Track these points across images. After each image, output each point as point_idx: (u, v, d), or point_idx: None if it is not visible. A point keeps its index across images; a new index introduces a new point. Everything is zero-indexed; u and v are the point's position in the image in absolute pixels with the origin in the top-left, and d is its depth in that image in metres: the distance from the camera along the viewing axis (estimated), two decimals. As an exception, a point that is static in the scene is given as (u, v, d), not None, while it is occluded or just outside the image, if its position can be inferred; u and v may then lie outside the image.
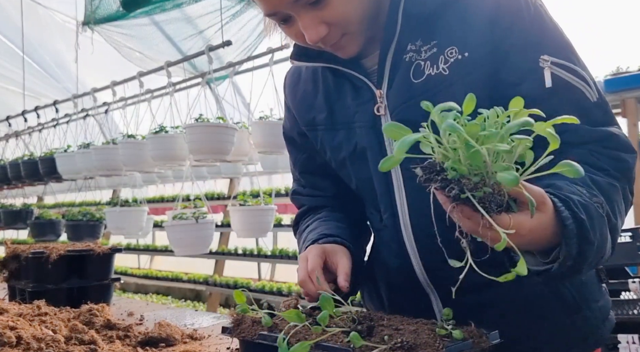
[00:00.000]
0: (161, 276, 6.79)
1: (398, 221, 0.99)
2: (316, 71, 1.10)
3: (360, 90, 1.00)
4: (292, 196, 1.28)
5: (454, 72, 0.89)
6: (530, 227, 0.66)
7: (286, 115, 1.22)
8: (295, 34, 0.94)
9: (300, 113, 1.13)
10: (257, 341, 0.77)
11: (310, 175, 1.21)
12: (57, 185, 5.17)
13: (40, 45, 5.63)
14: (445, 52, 0.91)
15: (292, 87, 1.16)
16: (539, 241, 0.71)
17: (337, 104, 1.05)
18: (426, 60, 0.92)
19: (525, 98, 0.81)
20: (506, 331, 0.85)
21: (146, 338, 1.17)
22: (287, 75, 1.21)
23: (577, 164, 0.64)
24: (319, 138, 1.09)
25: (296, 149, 1.21)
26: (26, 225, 4.88)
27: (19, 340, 0.94)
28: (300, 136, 1.17)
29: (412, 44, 0.94)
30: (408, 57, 0.94)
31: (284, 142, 1.26)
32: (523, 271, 0.62)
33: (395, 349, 0.65)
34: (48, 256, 1.58)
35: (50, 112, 4.30)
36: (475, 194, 0.61)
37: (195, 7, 3.64)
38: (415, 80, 0.92)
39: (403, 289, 1.06)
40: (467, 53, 0.89)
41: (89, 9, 3.66)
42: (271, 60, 2.93)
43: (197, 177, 4.58)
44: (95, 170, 3.44)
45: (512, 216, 0.64)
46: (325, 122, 1.06)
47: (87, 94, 3.76)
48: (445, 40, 0.91)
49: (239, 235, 3.10)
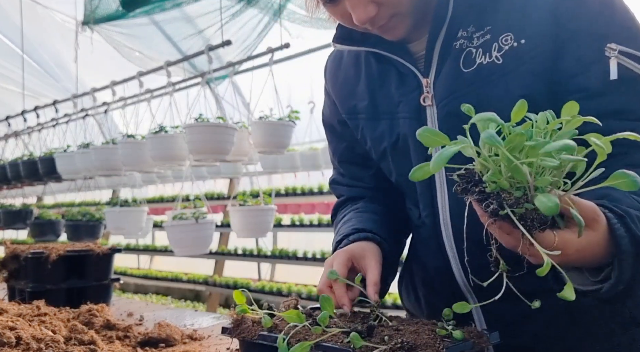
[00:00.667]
0: (161, 276, 6.79)
1: (438, 220, 0.93)
2: (359, 56, 1.03)
3: (406, 78, 0.93)
4: (331, 185, 1.20)
5: (508, 61, 0.82)
6: (578, 248, 0.60)
7: (326, 101, 1.15)
8: (341, 14, 0.88)
9: (341, 100, 1.07)
10: (257, 341, 0.77)
11: (349, 164, 1.13)
12: (56, 185, 5.17)
13: (40, 44, 5.63)
14: (500, 39, 0.84)
15: (333, 72, 1.10)
16: (589, 259, 0.65)
17: (380, 92, 0.98)
18: (478, 48, 0.85)
19: (586, 91, 0.74)
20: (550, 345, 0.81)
21: (146, 338, 1.16)
22: (329, 59, 1.14)
23: (633, 175, 0.57)
24: (360, 127, 1.03)
25: (336, 137, 1.14)
26: (26, 225, 4.87)
27: (19, 340, 0.94)
28: (340, 124, 1.10)
29: (463, 30, 0.87)
30: (458, 44, 0.87)
31: (323, 126, 1.18)
32: (570, 295, 0.58)
33: (395, 350, 0.65)
34: (47, 256, 1.58)
35: (50, 112, 4.30)
36: (515, 210, 0.56)
37: (194, 6, 3.63)
38: (465, 70, 0.86)
39: (441, 291, 0.99)
40: (523, 40, 0.82)
41: (88, 9, 3.66)
42: (271, 60, 2.92)
43: (196, 177, 4.58)
44: (95, 170, 3.44)
45: (557, 233, 0.59)
46: (366, 110, 1.00)
47: (87, 93, 3.76)
48: (500, 26, 0.84)
49: (238, 235, 3.10)
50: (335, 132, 1.13)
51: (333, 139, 1.15)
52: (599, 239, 0.62)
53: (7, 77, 6.06)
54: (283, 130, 2.91)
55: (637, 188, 0.58)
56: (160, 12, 3.61)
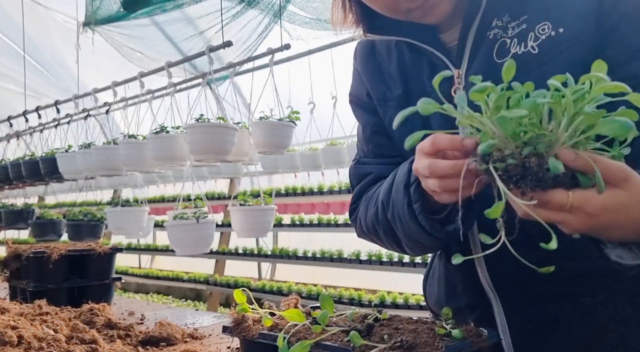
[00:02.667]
0: (162, 276, 6.80)
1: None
2: (390, 44, 1.00)
3: (438, 68, 0.89)
4: (355, 166, 1.09)
5: (544, 50, 0.79)
6: (603, 206, 0.56)
7: (355, 79, 1.10)
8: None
9: (373, 85, 1.03)
10: (257, 340, 0.78)
11: (381, 136, 1.04)
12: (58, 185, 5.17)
13: (41, 45, 5.64)
14: (537, 28, 0.80)
15: (365, 57, 1.06)
16: (624, 224, 0.59)
17: (413, 82, 0.95)
18: (513, 38, 0.82)
19: (635, 80, 0.68)
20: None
21: (147, 337, 1.17)
22: (359, 45, 1.10)
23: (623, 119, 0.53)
24: (389, 115, 0.99)
25: (367, 112, 1.06)
26: (27, 225, 4.88)
27: (20, 339, 0.95)
28: (370, 98, 1.05)
29: (498, 19, 0.84)
30: (492, 34, 0.84)
31: (352, 107, 1.12)
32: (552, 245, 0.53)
33: (394, 349, 0.65)
34: (49, 256, 1.59)
35: (51, 113, 4.30)
36: (497, 165, 0.53)
37: (195, 7, 3.64)
38: (499, 60, 0.82)
39: (463, 290, 0.94)
40: (562, 29, 0.78)
41: (89, 10, 3.66)
42: (271, 61, 2.93)
43: (197, 177, 4.59)
44: (96, 171, 3.44)
45: (574, 192, 0.55)
46: (398, 99, 0.97)
47: (88, 94, 3.76)
48: (537, 15, 0.80)
49: (239, 235, 3.10)
50: (365, 107, 1.07)
51: (364, 115, 1.08)
52: (631, 199, 0.57)
53: (9, 77, 6.08)
54: (283, 130, 2.91)
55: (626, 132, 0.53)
56: (161, 13, 3.62)
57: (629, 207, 0.58)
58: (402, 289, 4.59)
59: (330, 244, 5.07)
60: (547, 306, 0.83)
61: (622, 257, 0.65)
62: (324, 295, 0.76)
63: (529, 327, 0.84)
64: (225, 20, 3.26)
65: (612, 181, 0.56)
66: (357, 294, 4.61)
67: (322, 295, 0.76)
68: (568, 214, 0.56)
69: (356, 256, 4.61)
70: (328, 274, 5.77)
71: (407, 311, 4.09)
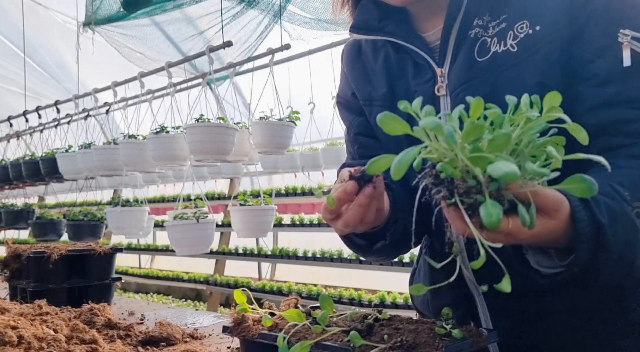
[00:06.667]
0: (162, 276, 6.80)
1: None
2: (377, 44, 1.03)
3: (421, 68, 0.92)
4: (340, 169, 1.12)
5: (522, 48, 0.81)
6: (532, 234, 0.60)
7: (342, 80, 1.14)
8: None
9: (359, 85, 1.05)
10: (257, 340, 0.78)
11: (366, 137, 1.07)
12: (58, 185, 5.17)
13: (41, 45, 5.64)
14: (515, 27, 0.83)
15: (351, 58, 1.09)
16: (547, 244, 0.65)
17: (398, 81, 0.97)
18: (493, 37, 0.84)
19: (597, 78, 0.71)
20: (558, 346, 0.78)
21: (147, 337, 1.17)
22: (346, 46, 1.13)
23: (590, 180, 0.56)
24: (374, 115, 1.00)
25: (352, 113, 1.09)
26: (27, 225, 4.88)
27: (20, 339, 0.95)
28: (355, 98, 1.07)
29: (479, 18, 0.87)
30: (474, 33, 0.87)
31: (338, 108, 1.15)
32: (506, 288, 0.57)
33: (394, 349, 0.65)
34: (49, 256, 1.59)
35: (51, 113, 4.30)
36: (464, 200, 0.58)
37: (195, 7, 3.64)
38: (480, 59, 0.85)
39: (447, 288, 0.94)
40: (538, 27, 0.81)
41: (89, 10, 3.66)
42: (271, 61, 2.93)
43: (197, 177, 4.58)
44: (96, 171, 3.44)
45: (513, 220, 0.59)
46: (383, 98, 0.99)
47: (88, 94, 3.76)
48: (516, 14, 0.83)
49: (239, 235, 3.10)
50: (350, 108, 1.10)
51: (350, 115, 1.10)
52: (558, 226, 0.63)
53: (9, 78, 6.08)
54: (283, 130, 2.91)
55: (593, 194, 0.57)
56: (161, 13, 3.62)
57: (554, 232, 0.63)
58: (402, 289, 4.59)
59: (331, 244, 5.07)
60: (529, 300, 0.85)
61: (541, 264, 0.69)
62: (324, 295, 0.76)
63: (512, 321, 0.85)
64: (225, 20, 3.27)
65: (546, 210, 0.61)
66: (357, 294, 4.61)
67: (322, 295, 0.76)
68: (501, 236, 0.60)
69: (356, 256, 4.61)
70: (328, 274, 5.77)
71: (407, 311, 4.09)
